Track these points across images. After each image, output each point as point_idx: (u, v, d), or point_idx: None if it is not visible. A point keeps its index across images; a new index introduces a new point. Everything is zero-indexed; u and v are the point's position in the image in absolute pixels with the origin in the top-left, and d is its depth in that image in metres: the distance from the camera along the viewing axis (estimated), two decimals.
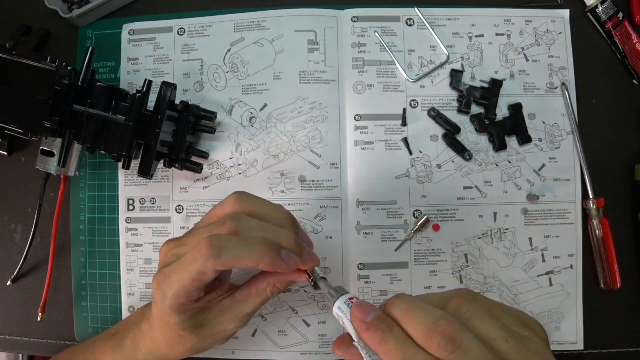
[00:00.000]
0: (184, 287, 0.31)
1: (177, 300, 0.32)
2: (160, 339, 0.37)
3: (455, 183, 0.48)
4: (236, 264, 0.30)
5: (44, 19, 0.51)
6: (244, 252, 0.30)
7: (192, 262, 0.31)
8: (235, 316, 0.35)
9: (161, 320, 0.35)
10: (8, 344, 0.50)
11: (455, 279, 0.47)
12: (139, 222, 0.49)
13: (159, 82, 0.43)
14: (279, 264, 0.31)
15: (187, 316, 0.34)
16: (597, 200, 0.47)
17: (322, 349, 0.47)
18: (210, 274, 0.31)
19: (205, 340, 0.36)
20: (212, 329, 0.35)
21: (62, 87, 0.39)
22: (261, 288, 0.35)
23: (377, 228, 0.48)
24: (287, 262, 0.32)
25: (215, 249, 0.30)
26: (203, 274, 0.31)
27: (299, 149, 0.48)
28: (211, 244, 0.30)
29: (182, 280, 0.31)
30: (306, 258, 0.34)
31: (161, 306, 0.33)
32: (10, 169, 0.51)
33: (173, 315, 0.33)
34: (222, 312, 0.35)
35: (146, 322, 0.38)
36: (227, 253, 0.30)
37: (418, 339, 0.25)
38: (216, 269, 0.30)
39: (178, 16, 0.51)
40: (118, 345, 0.40)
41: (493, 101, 0.48)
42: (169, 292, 0.32)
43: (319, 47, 0.49)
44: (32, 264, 0.50)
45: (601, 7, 0.49)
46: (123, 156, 0.41)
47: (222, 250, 0.30)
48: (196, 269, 0.31)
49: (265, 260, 0.31)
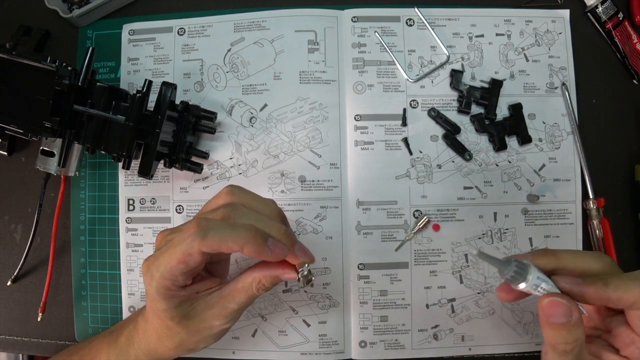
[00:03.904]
0: (171, 269, 0.32)
1: (163, 282, 0.33)
2: (151, 332, 0.37)
3: (455, 183, 0.48)
4: (221, 246, 0.31)
5: (44, 19, 0.51)
6: (229, 235, 0.31)
7: (179, 242, 0.32)
8: (221, 311, 0.35)
9: (151, 307, 0.35)
10: (8, 344, 0.50)
11: (455, 279, 0.47)
12: (139, 222, 0.49)
13: (159, 82, 0.43)
14: (264, 251, 0.32)
15: (174, 303, 0.34)
16: (597, 200, 0.47)
17: (322, 349, 0.47)
18: (196, 256, 0.31)
19: (193, 336, 0.36)
20: (199, 322, 0.35)
21: (62, 87, 0.39)
22: (247, 283, 0.35)
23: (377, 228, 0.48)
24: (273, 249, 0.32)
25: (202, 229, 0.31)
26: (189, 255, 0.31)
27: (299, 149, 0.48)
28: (198, 225, 0.31)
29: (170, 261, 0.32)
30: (298, 251, 0.34)
31: (149, 289, 0.34)
32: (10, 169, 0.51)
33: (160, 301, 0.34)
34: (209, 305, 0.35)
35: (141, 317, 0.39)
36: (212, 234, 0.31)
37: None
38: (201, 250, 0.31)
39: (178, 16, 0.51)
40: (113, 342, 0.40)
41: (493, 101, 0.48)
42: (156, 274, 0.33)
43: (319, 47, 0.49)
44: (32, 264, 0.50)
45: (601, 7, 0.49)
46: (123, 156, 0.41)
47: (207, 231, 0.31)
48: (182, 249, 0.31)
49: (250, 246, 0.31)
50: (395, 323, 0.47)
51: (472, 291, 0.47)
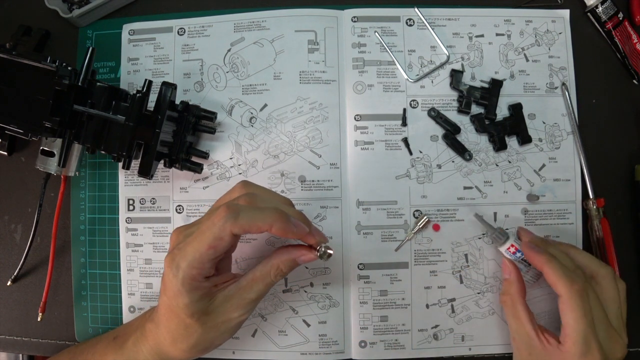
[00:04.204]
0: (200, 256, 0.33)
1: (190, 272, 0.33)
2: (164, 336, 0.37)
3: (455, 183, 0.48)
4: (252, 226, 0.33)
5: (44, 19, 0.51)
6: (258, 216, 0.33)
7: (210, 227, 0.33)
8: (240, 302, 0.36)
9: (170, 307, 0.35)
10: (8, 344, 0.50)
11: (455, 279, 0.47)
12: (139, 222, 0.49)
13: (159, 82, 0.43)
14: (290, 228, 0.34)
15: (196, 296, 0.34)
16: (597, 200, 0.47)
17: (322, 349, 0.47)
18: (227, 239, 0.33)
19: (209, 332, 0.36)
20: (217, 316, 0.36)
21: (62, 87, 0.39)
22: (265, 271, 0.36)
23: (377, 228, 0.48)
24: (297, 226, 0.35)
25: (233, 211, 0.33)
26: (220, 239, 0.33)
27: (299, 149, 0.48)
28: (229, 208, 0.33)
29: (200, 247, 0.33)
30: (314, 231, 0.36)
31: (173, 283, 0.34)
32: (10, 169, 0.51)
33: (183, 294, 0.34)
34: (227, 298, 0.36)
35: (150, 322, 0.38)
36: (243, 215, 0.33)
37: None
38: (233, 232, 0.33)
39: (178, 16, 0.51)
40: (119, 348, 0.40)
41: (493, 101, 0.48)
42: (183, 263, 0.33)
43: (319, 47, 0.49)
44: (32, 264, 0.50)
45: (601, 7, 0.49)
46: (123, 156, 0.41)
47: (239, 213, 0.33)
48: (214, 233, 0.33)
49: (277, 224, 0.33)
50: (395, 323, 0.47)
51: (472, 291, 0.48)
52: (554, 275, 0.39)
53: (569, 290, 0.38)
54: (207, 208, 0.48)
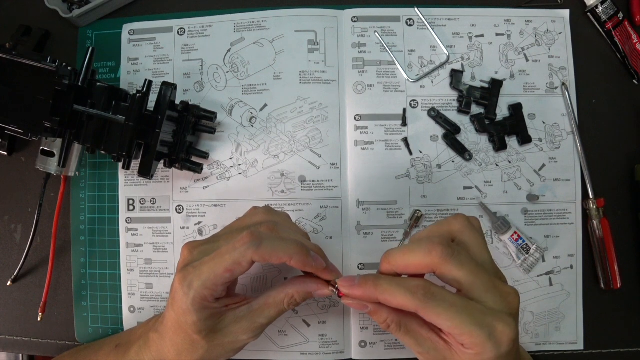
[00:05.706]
0: (215, 278, 0.33)
1: (202, 292, 0.33)
2: (168, 348, 0.36)
3: (455, 183, 0.48)
4: (272, 256, 0.33)
5: (44, 19, 0.51)
6: (280, 246, 0.33)
7: (230, 250, 0.33)
8: (249, 325, 0.36)
9: (177, 322, 0.35)
10: (8, 344, 0.50)
11: None
12: (139, 222, 0.49)
13: (159, 82, 0.43)
14: (309, 262, 0.34)
15: (205, 315, 0.34)
16: (597, 200, 0.47)
17: (322, 349, 0.47)
18: (245, 266, 0.33)
19: (215, 350, 0.36)
20: (225, 336, 0.35)
21: (62, 87, 0.39)
22: (279, 299, 0.36)
23: (377, 228, 0.48)
24: (316, 261, 0.34)
25: (257, 238, 0.33)
26: (238, 264, 0.32)
27: (299, 149, 0.48)
28: (252, 234, 0.33)
29: (216, 270, 0.33)
30: (330, 266, 0.36)
31: (182, 301, 0.34)
32: (10, 169, 0.51)
33: (192, 312, 0.33)
34: (237, 319, 0.35)
35: (154, 332, 0.38)
36: (266, 244, 0.33)
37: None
38: (254, 259, 0.32)
39: (178, 16, 0.51)
40: (121, 357, 0.40)
41: (493, 101, 0.48)
42: (196, 283, 0.33)
43: (319, 47, 0.49)
44: (32, 264, 0.50)
45: (601, 7, 0.49)
46: (123, 156, 0.41)
47: (262, 242, 0.33)
48: (234, 257, 0.32)
49: (298, 257, 0.33)
50: None
51: None
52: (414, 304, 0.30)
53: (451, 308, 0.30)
54: (207, 208, 0.48)
